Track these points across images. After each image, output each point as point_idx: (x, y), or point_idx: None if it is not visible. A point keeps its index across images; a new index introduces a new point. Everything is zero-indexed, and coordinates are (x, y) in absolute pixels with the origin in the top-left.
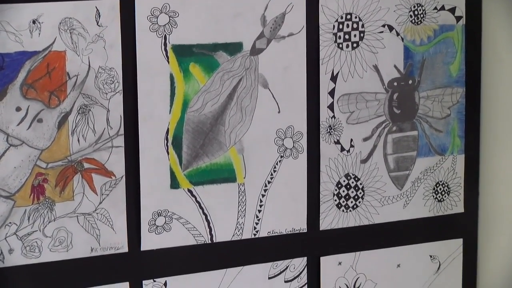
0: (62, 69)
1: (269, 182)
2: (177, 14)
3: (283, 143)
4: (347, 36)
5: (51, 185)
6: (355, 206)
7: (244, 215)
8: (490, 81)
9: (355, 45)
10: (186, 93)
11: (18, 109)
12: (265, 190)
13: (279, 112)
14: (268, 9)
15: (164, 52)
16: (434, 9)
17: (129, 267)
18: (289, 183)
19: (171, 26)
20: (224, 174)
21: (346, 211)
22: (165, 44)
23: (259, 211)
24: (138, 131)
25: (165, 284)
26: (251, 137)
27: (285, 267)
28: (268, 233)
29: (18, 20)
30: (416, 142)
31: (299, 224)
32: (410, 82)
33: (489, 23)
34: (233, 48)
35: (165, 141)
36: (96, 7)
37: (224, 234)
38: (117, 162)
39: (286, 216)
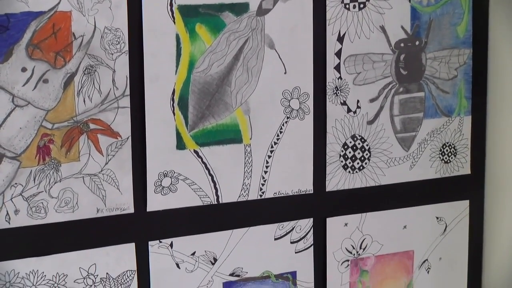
0: (68, 30)
1: (275, 143)
2: None
3: (289, 104)
4: None
5: (56, 146)
6: (361, 168)
7: (250, 176)
8: (497, 42)
9: (362, 5)
10: (192, 53)
11: (24, 69)
12: (271, 151)
13: (285, 73)
14: None
15: (170, 13)
16: None
17: (135, 228)
18: (295, 144)
19: None
20: (230, 135)
21: (353, 172)
22: (171, 5)
23: (265, 172)
24: (144, 91)
25: (171, 244)
26: (257, 98)
27: (291, 228)
28: (274, 194)
29: None
30: (423, 103)
31: (305, 185)
32: (417, 43)
33: None
34: (239, 9)
35: (171, 102)
36: None
37: (230, 195)
38: (123, 123)
39: (292, 177)
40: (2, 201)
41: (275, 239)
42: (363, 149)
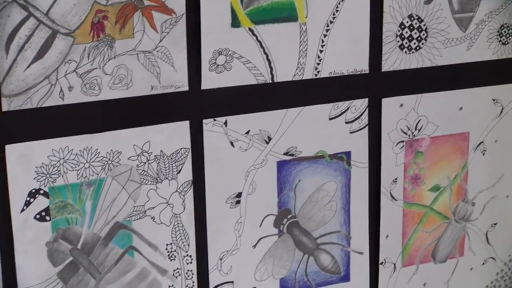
0: None
1: (331, 22)
2: None
3: None
4: None
5: (111, 22)
6: (418, 48)
7: (306, 55)
8: None
9: None
10: None
11: None
12: (327, 30)
13: None
14: None
15: None
16: None
17: (189, 105)
18: (351, 23)
19: None
20: (285, 13)
21: (409, 53)
22: None
23: (321, 51)
24: None
25: (225, 123)
26: None
27: (346, 108)
28: (330, 74)
29: None
30: None
31: (361, 65)
32: None
33: None
34: None
35: None
36: None
37: (285, 74)
38: (177, 0)
39: (348, 57)
40: (56, 77)
41: (330, 119)
42: (420, 29)
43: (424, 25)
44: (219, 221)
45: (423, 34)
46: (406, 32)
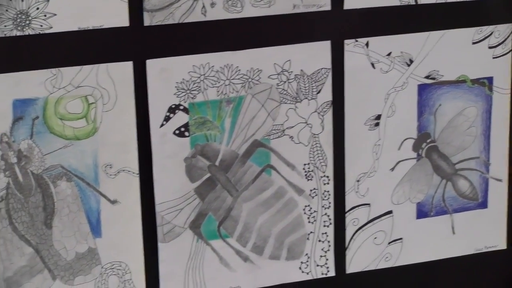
0: None
1: None
2: None
3: None
4: None
5: None
6: None
7: None
8: None
9: None
10: None
11: None
12: None
13: None
14: None
15: None
16: None
17: (331, 25)
18: None
19: None
20: None
21: None
22: None
23: None
24: None
25: (367, 44)
26: None
27: (490, 33)
28: None
29: None
30: None
31: None
32: None
33: None
34: None
35: None
36: None
37: None
38: None
39: None
40: None
41: (473, 43)
42: None
43: None
44: (357, 142)
45: None
46: None
